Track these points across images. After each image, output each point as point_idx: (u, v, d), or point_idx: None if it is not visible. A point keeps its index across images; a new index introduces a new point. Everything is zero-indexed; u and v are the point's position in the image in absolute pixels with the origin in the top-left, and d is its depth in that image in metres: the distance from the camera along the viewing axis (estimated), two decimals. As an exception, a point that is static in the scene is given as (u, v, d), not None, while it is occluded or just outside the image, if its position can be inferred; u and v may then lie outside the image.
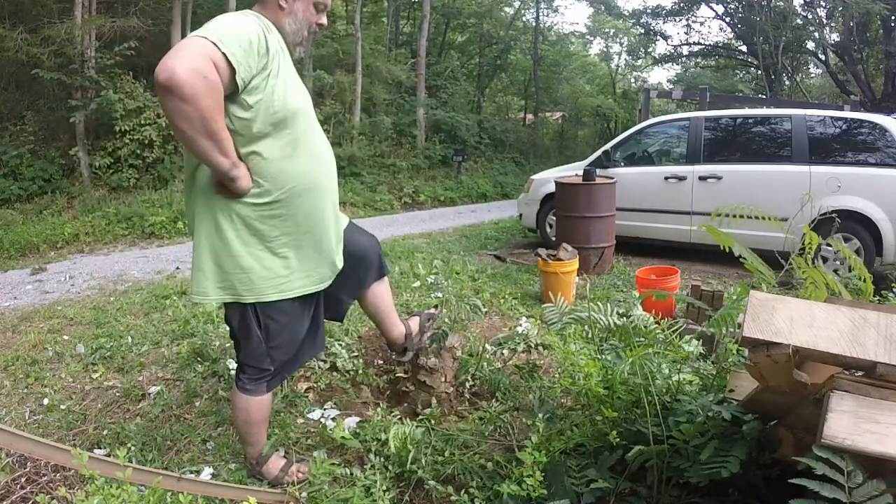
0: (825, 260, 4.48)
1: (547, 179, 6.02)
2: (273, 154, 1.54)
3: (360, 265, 1.98)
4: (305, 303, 1.76)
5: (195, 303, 2.39)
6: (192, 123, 1.33)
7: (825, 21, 17.71)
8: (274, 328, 1.69)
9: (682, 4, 20.24)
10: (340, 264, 1.81)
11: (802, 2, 17.67)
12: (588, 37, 24.23)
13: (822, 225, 2.61)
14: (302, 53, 1.72)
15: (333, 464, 1.78)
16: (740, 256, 1.96)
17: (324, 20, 1.71)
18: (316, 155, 1.67)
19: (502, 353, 2.91)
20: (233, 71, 1.37)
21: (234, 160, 1.46)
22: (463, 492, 1.72)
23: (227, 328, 1.85)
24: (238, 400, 1.76)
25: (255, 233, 1.58)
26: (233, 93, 1.43)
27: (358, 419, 2.24)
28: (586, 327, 2.29)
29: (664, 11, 20.59)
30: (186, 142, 1.38)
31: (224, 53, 1.34)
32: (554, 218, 5.73)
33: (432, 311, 2.43)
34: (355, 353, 2.89)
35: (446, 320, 2.58)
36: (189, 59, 1.29)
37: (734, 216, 2.11)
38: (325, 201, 1.71)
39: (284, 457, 1.95)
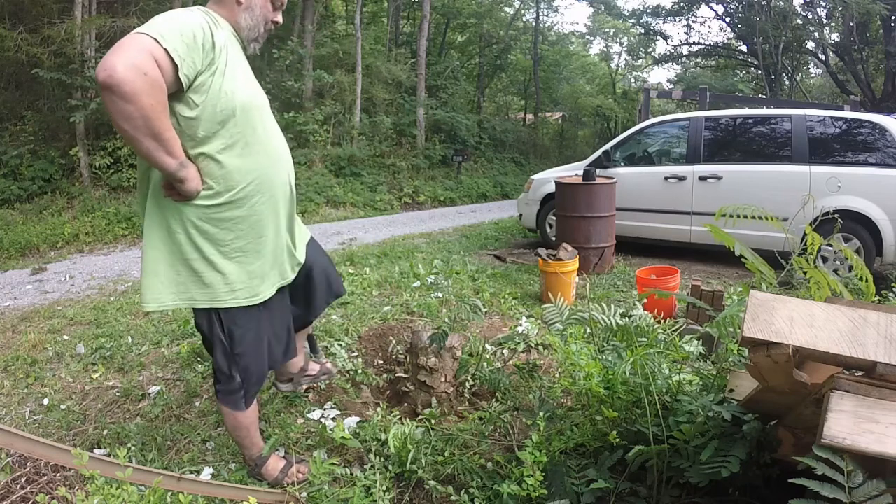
0: (825, 260, 4.48)
1: (547, 179, 6.02)
2: (223, 153, 1.49)
3: (323, 285, 1.99)
4: (268, 307, 1.71)
5: (147, 312, 2.34)
6: (133, 123, 1.28)
7: (825, 21, 17.72)
8: (238, 334, 1.65)
9: (682, 4, 20.25)
10: (302, 259, 1.83)
11: (802, 2, 17.70)
12: (588, 37, 24.29)
13: (823, 225, 2.62)
14: (256, 50, 1.68)
15: (333, 464, 1.78)
16: (741, 256, 1.96)
17: (279, 18, 1.69)
18: (270, 154, 1.61)
19: (502, 353, 2.92)
20: (176, 67, 1.33)
21: (181, 160, 1.41)
22: (463, 492, 1.72)
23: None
24: (223, 407, 1.77)
25: (208, 236, 1.53)
26: (178, 91, 1.39)
27: (358, 419, 2.24)
28: (587, 327, 2.29)
29: (664, 11, 20.62)
30: (130, 142, 1.34)
31: (165, 49, 1.30)
32: (554, 218, 5.73)
33: (329, 366, 2.39)
34: (355, 353, 2.89)
35: (446, 320, 2.57)
36: (129, 56, 1.25)
37: (735, 216, 2.11)
38: (282, 201, 1.67)
39: (284, 457, 1.95)
